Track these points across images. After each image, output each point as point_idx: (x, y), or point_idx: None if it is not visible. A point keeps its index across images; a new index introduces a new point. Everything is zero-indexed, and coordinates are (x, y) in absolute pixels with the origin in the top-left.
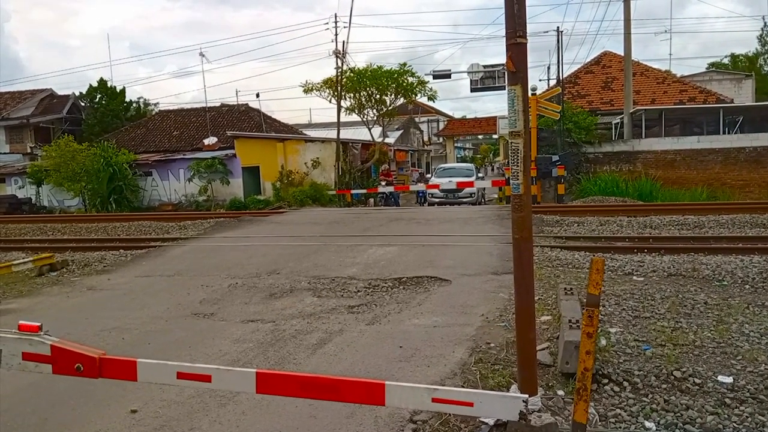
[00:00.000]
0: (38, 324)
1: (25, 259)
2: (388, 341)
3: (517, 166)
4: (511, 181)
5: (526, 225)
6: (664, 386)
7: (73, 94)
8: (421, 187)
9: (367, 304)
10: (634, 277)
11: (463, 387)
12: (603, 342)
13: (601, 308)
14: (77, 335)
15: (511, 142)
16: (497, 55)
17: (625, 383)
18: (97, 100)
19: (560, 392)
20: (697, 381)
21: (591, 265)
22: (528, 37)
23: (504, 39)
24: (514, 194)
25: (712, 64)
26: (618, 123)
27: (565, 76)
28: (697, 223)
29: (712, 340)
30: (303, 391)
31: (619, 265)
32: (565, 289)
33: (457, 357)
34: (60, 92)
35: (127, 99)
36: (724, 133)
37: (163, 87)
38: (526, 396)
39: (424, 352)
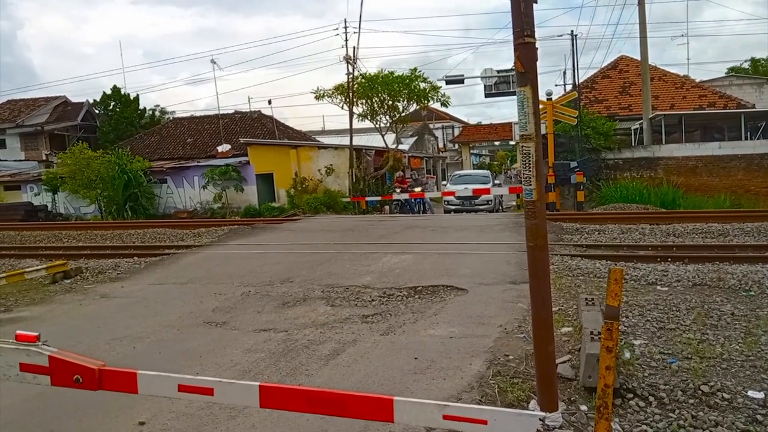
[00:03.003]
0: (36, 334)
1: (39, 267)
2: (403, 352)
3: (529, 171)
4: (523, 187)
5: (541, 233)
6: (691, 401)
7: (87, 101)
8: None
9: (381, 313)
10: (658, 287)
11: (480, 401)
12: (627, 355)
13: (624, 319)
14: (88, 343)
15: (522, 146)
16: (511, 59)
17: (651, 398)
18: (111, 107)
19: (583, 407)
20: (726, 396)
21: (609, 274)
22: (542, 42)
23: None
24: (526, 200)
25: (731, 69)
26: (637, 128)
27: (581, 80)
28: (721, 231)
29: (740, 353)
30: (309, 406)
31: (642, 275)
32: (586, 299)
33: (475, 369)
34: (74, 100)
35: (141, 106)
36: (746, 138)
37: (177, 94)
38: (544, 414)
39: (440, 364)
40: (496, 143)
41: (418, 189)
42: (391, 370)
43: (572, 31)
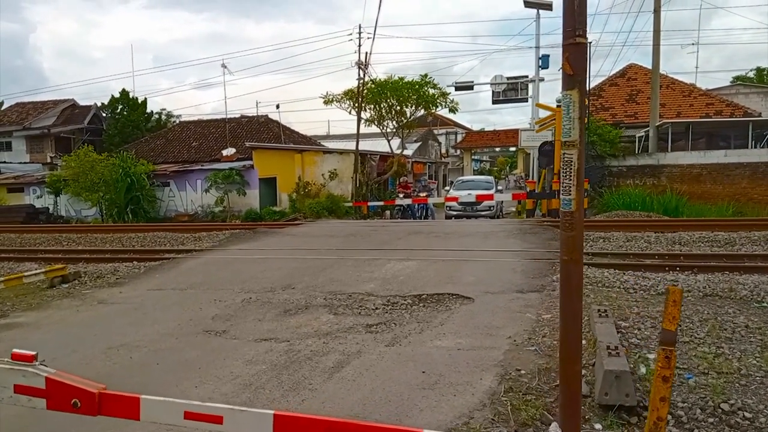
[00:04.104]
0: (33, 353)
1: (37, 271)
2: (410, 365)
3: (570, 180)
4: (562, 197)
5: (577, 246)
6: (711, 420)
7: (95, 104)
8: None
9: (386, 322)
10: None
11: (493, 420)
12: (643, 370)
13: (636, 331)
14: (84, 353)
15: (564, 153)
16: (516, 67)
17: (669, 416)
18: (118, 110)
19: (597, 426)
20: (748, 415)
21: (667, 295)
22: (552, 49)
23: (526, 50)
24: (564, 211)
25: (737, 78)
26: (642, 136)
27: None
28: (728, 239)
29: (758, 369)
30: None
31: (652, 284)
32: (598, 310)
33: (486, 385)
34: (82, 103)
35: (149, 110)
36: (753, 147)
37: (185, 98)
38: None
39: (449, 379)
40: (497, 149)
41: (423, 194)
42: (399, 385)
43: (589, 42)
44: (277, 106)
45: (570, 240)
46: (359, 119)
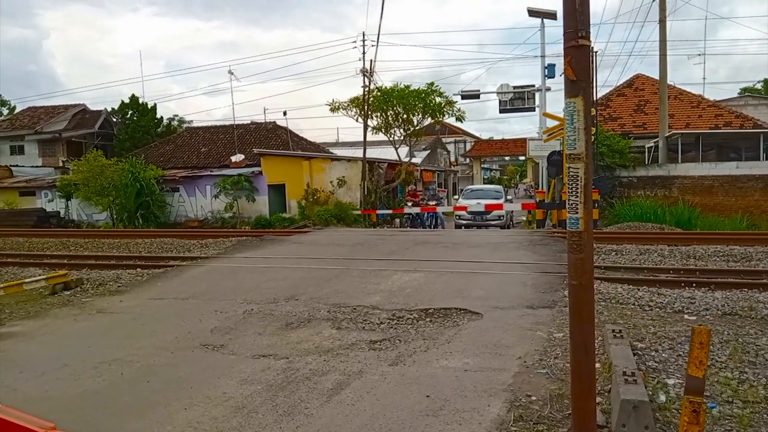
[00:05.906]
0: None
1: (39, 277)
2: (414, 388)
3: (576, 196)
4: (568, 215)
5: (587, 269)
6: None
7: (105, 109)
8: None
9: (390, 339)
10: (686, 316)
11: None
12: (662, 398)
13: (654, 353)
14: (75, 366)
15: (570, 168)
16: (523, 77)
17: None
18: (128, 116)
19: None
20: None
21: (693, 336)
22: (557, 59)
23: (532, 59)
24: (571, 231)
25: (744, 89)
26: (651, 147)
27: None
28: (744, 254)
29: None
30: None
31: (668, 302)
32: (613, 330)
33: (494, 413)
34: (93, 107)
35: (159, 115)
36: (765, 159)
37: (194, 104)
38: None
39: (455, 405)
40: (507, 158)
41: (433, 203)
42: (401, 411)
43: (591, 47)
44: (284, 113)
45: (579, 263)
46: (366, 127)
